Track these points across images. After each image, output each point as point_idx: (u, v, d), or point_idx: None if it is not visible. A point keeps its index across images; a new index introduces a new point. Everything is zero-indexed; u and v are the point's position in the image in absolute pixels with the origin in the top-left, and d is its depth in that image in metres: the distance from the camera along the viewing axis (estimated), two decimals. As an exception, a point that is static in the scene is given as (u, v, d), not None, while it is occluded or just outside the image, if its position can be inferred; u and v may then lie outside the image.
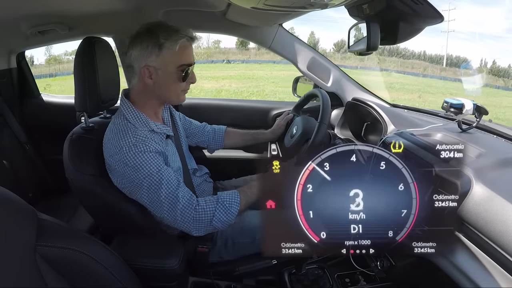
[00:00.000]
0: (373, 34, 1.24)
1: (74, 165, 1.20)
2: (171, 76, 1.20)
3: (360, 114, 1.81)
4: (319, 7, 1.20)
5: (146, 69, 1.19)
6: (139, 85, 1.25)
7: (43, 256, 0.68)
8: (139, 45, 1.18)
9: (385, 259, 1.14)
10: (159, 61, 1.18)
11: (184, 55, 1.20)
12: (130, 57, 1.21)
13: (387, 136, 1.30)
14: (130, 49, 1.20)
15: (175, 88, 1.24)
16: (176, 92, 1.25)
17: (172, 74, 1.20)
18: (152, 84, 1.22)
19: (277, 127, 1.76)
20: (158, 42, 1.15)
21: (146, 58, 1.18)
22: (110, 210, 1.23)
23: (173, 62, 1.19)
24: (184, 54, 1.20)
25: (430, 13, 1.19)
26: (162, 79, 1.21)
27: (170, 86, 1.23)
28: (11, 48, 2.11)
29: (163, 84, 1.22)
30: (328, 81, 2.12)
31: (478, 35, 71.34)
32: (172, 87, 1.23)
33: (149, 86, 1.22)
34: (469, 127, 1.29)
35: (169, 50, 1.16)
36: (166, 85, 1.22)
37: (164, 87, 1.23)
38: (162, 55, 1.17)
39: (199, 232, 1.18)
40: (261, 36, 2.06)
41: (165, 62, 1.18)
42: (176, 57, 1.18)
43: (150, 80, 1.21)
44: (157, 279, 1.11)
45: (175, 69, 1.20)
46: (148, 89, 1.24)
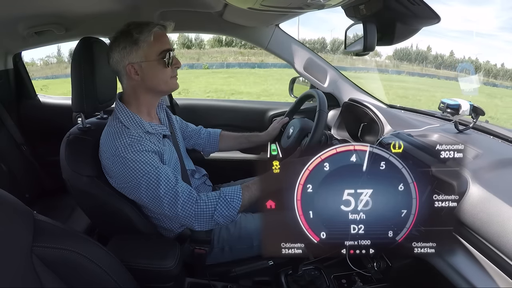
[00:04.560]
0: (370, 35, 1.24)
1: (70, 166, 1.19)
2: (155, 64, 1.22)
3: (357, 114, 1.81)
4: (316, 8, 1.20)
5: (130, 67, 1.20)
6: (129, 85, 1.25)
7: (40, 257, 0.68)
8: (117, 48, 1.20)
9: (382, 260, 1.15)
10: (139, 55, 1.19)
11: (161, 42, 1.22)
12: (113, 63, 1.23)
13: (384, 137, 1.30)
14: (110, 55, 1.23)
15: (162, 75, 1.24)
16: (164, 79, 1.25)
17: (155, 62, 1.21)
18: (140, 80, 1.22)
19: (272, 130, 1.76)
20: (133, 39, 1.18)
21: (127, 57, 1.20)
22: (107, 211, 1.23)
23: (152, 51, 1.21)
24: (160, 41, 1.22)
25: (427, 13, 1.20)
26: (148, 70, 1.22)
27: (157, 74, 1.23)
28: (8, 49, 2.10)
29: (150, 74, 1.23)
30: (324, 82, 2.12)
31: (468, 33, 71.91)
32: (160, 75, 1.24)
33: (138, 83, 1.23)
34: (465, 127, 1.29)
35: (145, 42, 1.19)
36: (153, 75, 1.23)
37: (152, 78, 1.23)
38: (141, 49, 1.19)
39: (202, 227, 1.18)
40: (258, 36, 2.06)
41: (145, 54, 1.20)
42: (154, 46, 1.20)
43: (137, 76, 1.22)
44: (153, 279, 1.11)
45: (157, 57, 1.21)
46: (138, 86, 1.25)
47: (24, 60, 2.31)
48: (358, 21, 1.32)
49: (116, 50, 1.20)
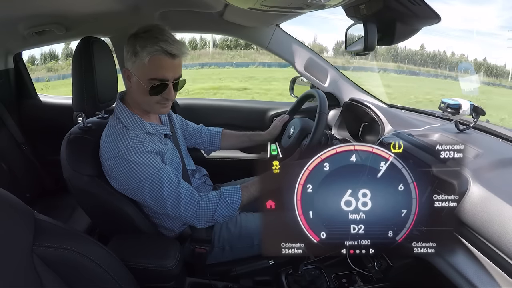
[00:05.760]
0: (370, 35, 1.24)
1: (71, 166, 1.19)
2: (141, 86, 1.17)
3: (357, 114, 1.81)
4: (316, 8, 1.20)
5: (126, 71, 1.21)
6: (127, 86, 1.26)
7: (40, 256, 0.68)
8: (125, 48, 1.18)
9: (382, 260, 1.15)
10: (134, 68, 1.16)
11: (155, 69, 1.14)
12: (119, 60, 1.23)
13: (385, 137, 1.31)
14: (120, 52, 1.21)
15: (147, 99, 1.20)
16: (149, 103, 1.21)
17: (141, 85, 1.17)
18: (131, 87, 1.22)
19: (273, 129, 1.75)
20: (134, 50, 1.13)
21: (126, 61, 1.19)
22: (108, 210, 1.23)
23: (143, 73, 1.15)
24: (155, 68, 1.14)
25: (427, 13, 1.19)
26: (135, 86, 1.19)
27: (142, 95, 1.19)
28: (8, 48, 2.10)
29: (136, 91, 1.20)
30: (325, 82, 2.12)
31: (468, 32, 71.89)
32: (144, 97, 1.20)
33: (132, 88, 1.22)
34: (466, 127, 1.29)
35: (141, 60, 1.13)
36: (138, 93, 1.20)
37: (137, 94, 1.21)
38: (136, 63, 1.15)
39: (203, 225, 1.21)
40: (258, 36, 2.06)
41: (137, 70, 1.16)
42: (146, 70, 1.14)
43: (129, 83, 1.22)
44: (154, 279, 1.11)
45: (145, 81, 1.16)
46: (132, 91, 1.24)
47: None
48: (358, 21, 1.32)
49: (124, 49, 1.19)
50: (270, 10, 1.25)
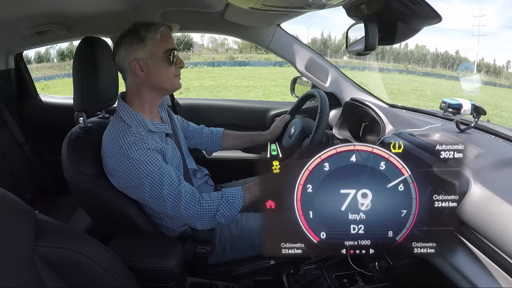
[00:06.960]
0: (371, 34, 1.24)
1: (72, 165, 1.20)
2: (160, 62, 1.24)
3: (358, 114, 1.81)
4: (317, 8, 1.20)
5: (136, 62, 1.22)
6: (133, 82, 1.26)
7: (41, 257, 0.68)
8: (124, 45, 1.22)
9: (383, 260, 1.15)
10: (145, 52, 1.22)
11: (166, 41, 1.25)
12: (118, 60, 1.25)
13: (386, 137, 1.31)
14: (117, 52, 1.25)
15: (166, 73, 1.26)
16: (168, 77, 1.27)
17: (160, 60, 1.24)
18: (144, 76, 1.24)
19: (275, 128, 1.75)
20: (140, 36, 1.21)
21: (133, 53, 1.22)
22: (109, 210, 1.23)
23: (158, 49, 1.23)
24: (166, 40, 1.25)
25: (428, 13, 1.19)
26: (153, 67, 1.24)
27: (162, 72, 1.25)
28: (9, 48, 2.11)
29: (155, 71, 1.24)
30: (326, 81, 2.11)
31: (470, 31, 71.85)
32: (164, 73, 1.25)
33: (142, 79, 1.24)
34: (467, 127, 1.29)
35: (152, 40, 1.22)
36: (157, 72, 1.25)
37: (156, 75, 1.25)
38: (147, 46, 1.22)
39: (203, 226, 1.20)
40: (259, 36, 2.06)
41: (151, 51, 1.22)
42: (160, 44, 1.23)
43: (141, 72, 1.23)
44: (155, 279, 1.11)
45: (162, 55, 1.24)
46: (142, 83, 1.25)
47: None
48: (359, 20, 1.32)
49: (122, 47, 1.22)
50: (271, 10, 1.25)
